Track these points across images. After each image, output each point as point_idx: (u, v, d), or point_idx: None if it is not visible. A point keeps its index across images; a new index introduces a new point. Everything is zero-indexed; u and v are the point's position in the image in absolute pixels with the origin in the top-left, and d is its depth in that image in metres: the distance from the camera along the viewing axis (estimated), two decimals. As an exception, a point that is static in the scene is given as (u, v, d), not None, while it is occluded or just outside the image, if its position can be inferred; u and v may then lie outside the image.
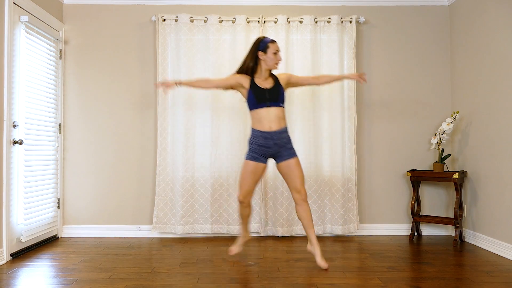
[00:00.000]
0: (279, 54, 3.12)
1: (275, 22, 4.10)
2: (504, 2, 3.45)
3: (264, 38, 3.13)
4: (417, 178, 4.02)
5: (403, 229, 4.21)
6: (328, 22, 4.13)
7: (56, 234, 4.06)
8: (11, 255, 3.33)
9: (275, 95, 3.07)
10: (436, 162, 3.97)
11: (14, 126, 3.37)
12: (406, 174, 4.16)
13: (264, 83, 3.11)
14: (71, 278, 2.85)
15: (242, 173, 3.12)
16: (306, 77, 3.40)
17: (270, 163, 3.43)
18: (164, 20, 4.09)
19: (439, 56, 4.27)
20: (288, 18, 4.10)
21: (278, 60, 3.12)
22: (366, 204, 4.23)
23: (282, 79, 3.17)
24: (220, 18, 4.08)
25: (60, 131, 4.11)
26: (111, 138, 4.18)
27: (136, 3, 4.20)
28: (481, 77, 3.76)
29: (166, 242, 3.90)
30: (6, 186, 3.24)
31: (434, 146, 4.05)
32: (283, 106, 3.13)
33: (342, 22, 4.13)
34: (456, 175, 3.77)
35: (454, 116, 3.93)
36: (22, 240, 3.43)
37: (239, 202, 3.18)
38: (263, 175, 3.19)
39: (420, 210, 4.14)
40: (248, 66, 3.13)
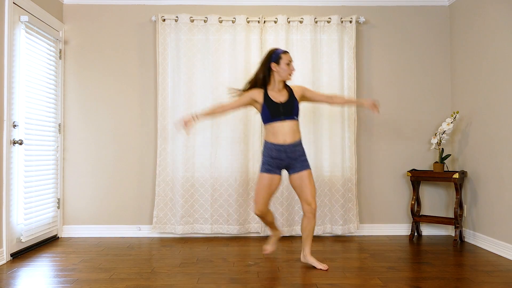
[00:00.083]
0: (292, 64, 3.07)
1: (275, 22, 4.10)
2: (504, 2, 3.45)
3: (276, 50, 3.07)
4: (417, 178, 4.02)
5: (403, 229, 4.21)
6: (328, 22, 4.13)
7: (56, 234, 4.06)
8: (11, 255, 3.34)
9: (290, 109, 3.01)
10: (436, 162, 3.97)
11: (14, 126, 3.37)
12: (406, 174, 4.16)
13: (278, 96, 3.05)
14: (71, 278, 2.85)
15: (258, 187, 3.06)
16: (320, 94, 3.26)
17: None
18: (164, 20, 4.09)
19: (439, 56, 4.27)
20: (288, 18, 4.10)
21: (291, 70, 3.07)
22: (366, 204, 4.23)
23: (297, 92, 3.11)
24: (220, 18, 4.08)
25: (60, 131, 4.11)
26: (111, 138, 4.18)
27: (136, 3, 4.20)
28: (481, 77, 3.76)
29: (166, 242, 3.90)
30: (6, 186, 3.25)
31: (434, 146, 4.05)
32: (297, 119, 3.07)
33: (342, 22, 4.13)
34: (456, 175, 3.77)
35: (454, 116, 3.93)
36: (22, 240, 3.43)
37: (257, 216, 3.13)
38: (278, 187, 3.12)
39: (420, 210, 4.15)
40: (260, 78, 3.07)
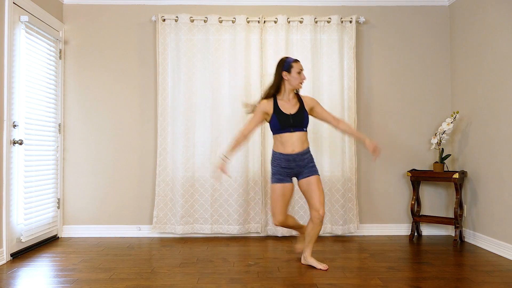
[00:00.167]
0: (303, 73, 3.05)
1: (275, 22, 4.10)
2: (504, 2, 3.45)
3: (287, 58, 3.05)
4: (417, 178, 4.02)
5: (403, 229, 4.21)
6: (328, 22, 4.13)
7: (56, 234, 4.06)
8: (11, 255, 3.34)
9: (300, 120, 2.99)
10: (436, 162, 3.97)
11: (14, 126, 3.37)
12: (406, 174, 4.16)
13: (289, 106, 3.03)
14: (71, 278, 2.85)
15: (272, 198, 3.05)
16: (328, 113, 3.14)
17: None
18: (164, 20, 4.09)
19: (439, 56, 4.27)
20: (288, 18, 4.10)
21: (302, 79, 3.04)
22: (366, 204, 4.23)
23: (308, 104, 3.08)
24: (220, 18, 4.08)
25: (60, 131, 4.11)
26: (111, 138, 4.18)
27: (136, 3, 4.20)
28: (481, 77, 3.76)
29: (166, 242, 3.90)
30: (6, 186, 3.25)
31: (434, 146, 4.05)
32: (306, 130, 3.06)
33: (342, 22, 4.13)
34: (456, 175, 3.77)
35: (454, 116, 3.93)
36: (22, 240, 3.43)
37: (277, 225, 3.12)
38: (292, 194, 3.11)
39: (420, 210, 4.14)
40: (273, 88, 3.05)
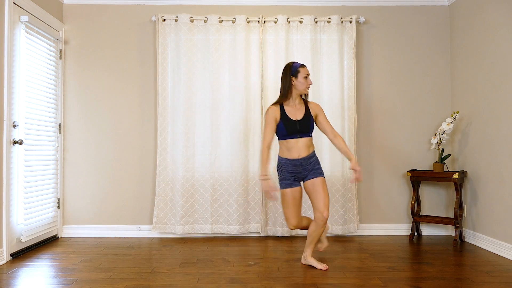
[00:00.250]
0: (309, 78, 3.06)
1: (275, 22, 4.10)
2: (504, 2, 3.45)
3: (293, 63, 3.06)
4: (417, 178, 4.02)
5: (403, 229, 4.21)
6: (328, 22, 4.13)
7: (56, 234, 4.06)
8: (11, 255, 3.34)
9: (306, 127, 3.01)
10: (436, 162, 3.97)
11: (14, 126, 3.37)
12: (406, 174, 4.16)
13: (295, 112, 3.04)
14: (71, 278, 2.85)
15: (284, 203, 3.06)
16: (329, 125, 3.13)
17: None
18: (164, 20, 4.09)
19: (439, 56, 4.27)
20: (288, 18, 4.10)
21: (308, 84, 3.05)
22: (366, 204, 4.23)
23: (313, 110, 3.10)
24: (220, 18, 4.08)
25: (60, 131, 4.11)
26: (111, 138, 4.18)
27: (136, 3, 4.20)
28: (481, 77, 3.76)
29: (166, 242, 3.90)
30: (6, 186, 3.25)
31: (434, 146, 4.05)
32: (311, 136, 3.08)
33: (342, 22, 4.13)
34: (456, 175, 3.77)
35: (454, 116, 3.93)
36: (22, 240, 3.43)
37: (293, 229, 3.13)
38: (302, 196, 3.11)
39: (420, 210, 4.14)
40: (283, 94, 3.05)
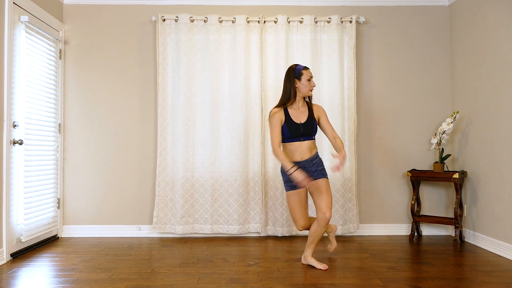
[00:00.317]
0: (312, 80, 3.06)
1: (275, 22, 4.10)
2: (504, 2, 3.45)
3: (296, 66, 3.06)
4: (417, 178, 4.02)
5: (403, 229, 4.21)
6: (328, 22, 4.13)
7: (56, 234, 4.06)
8: (11, 255, 3.34)
9: (309, 129, 3.02)
10: (436, 162, 3.97)
11: (14, 126, 3.37)
12: (406, 174, 4.16)
13: (299, 115, 3.04)
14: (71, 278, 2.85)
15: (290, 205, 3.08)
16: (330, 128, 3.12)
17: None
18: (164, 20, 4.09)
19: (439, 56, 4.27)
20: (288, 18, 4.10)
21: (312, 86, 3.05)
22: (366, 204, 4.23)
23: (316, 113, 3.10)
24: (220, 18, 4.08)
25: (60, 131, 4.11)
26: (111, 138, 4.18)
27: (136, 3, 4.20)
28: (481, 77, 3.76)
29: (166, 242, 3.90)
30: (6, 186, 3.25)
31: (434, 146, 4.05)
32: (314, 138, 3.08)
33: (342, 22, 4.13)
34: (456, 175, 3.77)
35: (454, 116, 3.93)
36: (22, 240, 3.43)
37: (301, 230, 3.15)
38: (307, 196, 3.13)
39: (420, 210, 4.14)
40: (286, 97, 3.04)
